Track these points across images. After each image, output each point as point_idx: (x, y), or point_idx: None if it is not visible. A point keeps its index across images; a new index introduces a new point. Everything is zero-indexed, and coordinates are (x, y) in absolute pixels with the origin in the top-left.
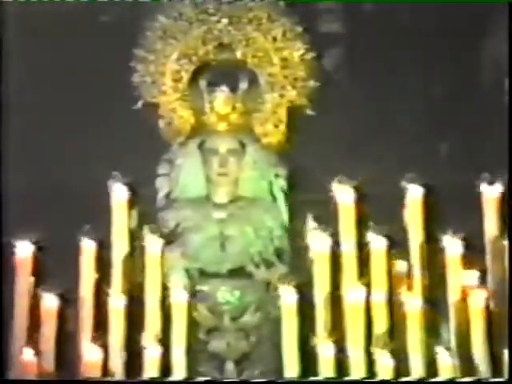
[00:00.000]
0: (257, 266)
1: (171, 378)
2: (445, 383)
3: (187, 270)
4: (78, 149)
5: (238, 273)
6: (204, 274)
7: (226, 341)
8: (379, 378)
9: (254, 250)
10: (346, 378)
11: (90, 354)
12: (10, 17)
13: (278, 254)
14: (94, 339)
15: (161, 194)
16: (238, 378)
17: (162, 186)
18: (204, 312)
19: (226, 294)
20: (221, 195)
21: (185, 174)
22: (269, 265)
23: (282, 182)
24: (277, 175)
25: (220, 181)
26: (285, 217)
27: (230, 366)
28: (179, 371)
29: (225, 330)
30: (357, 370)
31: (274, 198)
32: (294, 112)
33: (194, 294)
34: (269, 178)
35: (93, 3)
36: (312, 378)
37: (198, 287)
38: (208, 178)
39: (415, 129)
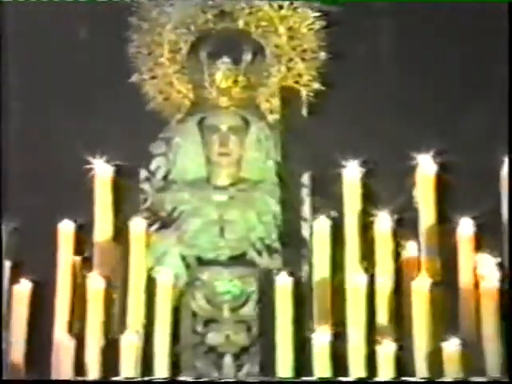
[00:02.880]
0: (259, 253)
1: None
2: (445, 383)
3: (183, 257)
4: (67, 127)
5: (238, 260)
6: (202, 262)
7: (224, 333)
8: (380, 368)
9: (255, 236)
10: (346, 379)
11: (63, 344)
12: (10, 17)
13: (283, 240)
14: (69, 327)
15: (157, 176)
16: (236, 373)
17: (159, 166)
18: (201, 302)
19: (225, 283)
20: (221, 177)
21: (183, 154)
22: (272, 252)
23: (289, 164)
24: (283, 156)
25: (221, 161)
26: (291, 201)
27: (228, 361)
28: (161, 363)
29: (223, 321)
30: (356, 360)
31: (280, 181)
32: (302, 86)
33: (190, 283)
34: (275, 159)
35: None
36: (310, 378)
37: (195, 275)
38: (208, 158)
39: (430, 105)
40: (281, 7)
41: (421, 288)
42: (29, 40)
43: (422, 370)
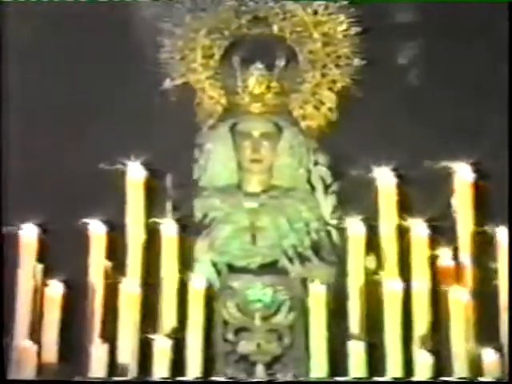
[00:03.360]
0: (291, 260)
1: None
2: (448, 383)
3: (214, 264)
4: (98, 133)
5: (270, 268)
6: (233, 269)
7: (256, 342)
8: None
9: (287, 244)
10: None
11: (97, 350)
12: (10, 17)
13: (315, 248)
14: (103, 333)
15: (190, 182)
16: (268, 383)
17: (192, 172)
18: (232, 310)
19: (256, 291)
20: (253, 184)
21: (214, 160)
22: (304, 260)
23: (321, 170)
24: (316, 162)
25: (252, 168)
26: (323, 208)
27: (259, 370)
28: (194, 368)
29: (255, 330)
30: (393, 368)
31: (312, 188)
32: (336, 93)
33: (221, 291)
34: (307, 166)
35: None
36: (311, 379)
37: (226, 283)
38: (239, 164)
39: (465, 112)
40: (315, 12)
41: (458, 296)
42: (29, 40)
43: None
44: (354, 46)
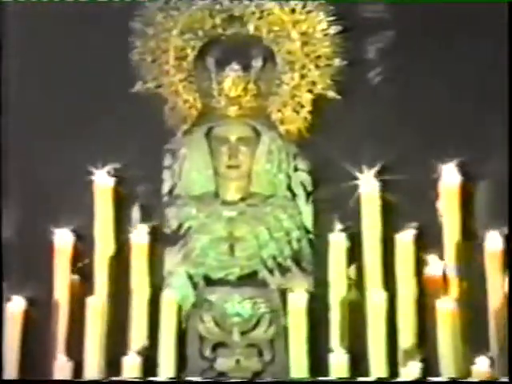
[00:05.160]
0: (271, 271)
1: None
2: (445, 383)
3: (190, 276)
4: (66, 139)
5: (249, 280)
6: (210, 281)
7: (235, 358)
8: None
9: (267, 254)
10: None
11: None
12: (10, 17)
13: (296, 258)
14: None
15: (162, 190)
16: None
17: (164, 180)
18: (209, 325)
19: (235, 304)
20: (230, 191)
21: (190, 167)
22: (285, 271)
23: (302, 176)
24: (296, 168)
25: (230, 174)
26: (305, 216)
27: None
28: None
29: (234, 345)
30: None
31: (293, 195)
32: (315, 95)
33: (197, 304)
34: (287, 172)
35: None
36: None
37: (203, 296)
38: (216, 170)
39: (449, 114)
40: (293, 11)
41: (446, 307)
42: (29, 40)
43: None
44: (334, 46)
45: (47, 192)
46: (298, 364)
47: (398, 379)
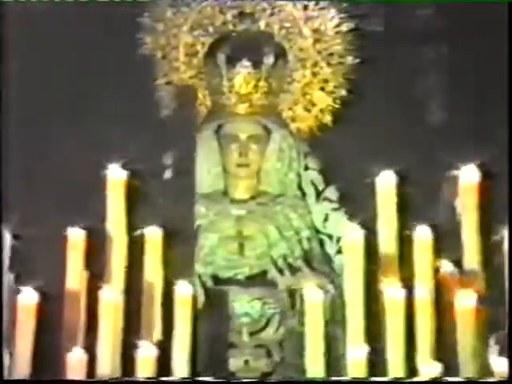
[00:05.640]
0: (280, 271)
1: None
2: (444, 383)
3: (199, 275)
4: (76, 136)
5: (258, 279)
6: (219, 281)
7: (243, 359)
8: None
9: (277, 253)
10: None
11: (76, 357)
12: (10, 17)
13: (306, 258)
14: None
15: (168, 188)
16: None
17: (170, 178)
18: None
19: (244, 304)
20: (240, 189)
21: (199, 165)
22: (295, 271)
23: (312, 175)
24: (307, 167)
25: (239, 172)
26: (315, 215)
27: None
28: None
29: (243, 346)
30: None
31: (303, 194)
32: (328, 93)
33: (206, 303)
34: (297, 170)
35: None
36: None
37: (212, 295)
38: (226, 169)
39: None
40: (306, 7)
41: (465, 304)
42: (29, 40)
43: None
44: (346, 44)
45: (60, 187)
46: (314, 361)
47: (416, 379)
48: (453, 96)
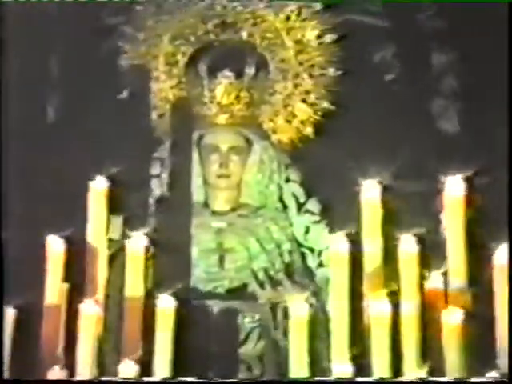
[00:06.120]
0: (261, 285)
1: None
2: (444, 383)
3: (178, 288)
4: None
5: (238, 293)
6: (199, 294)
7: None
8: None
9: (258, 266)
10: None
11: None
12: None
13: (287, 271)
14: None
15: (151, 199)
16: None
17: (153, 189)
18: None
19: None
20: (220, 201)
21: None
22: (276, 284)
23: (294, 187)
24: (288, 179)
25: (220, 184)
26: (296, 228)
27: None
28: None
29: None
30: None
31: (284, 206)
32: (309, 105)
33: (185, 317)
34: (278, 182)
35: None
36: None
37: (191, 309)
38: (206, 180)
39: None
40: (288, 18)
41: (451, 320)
42: (29, 40)
43: None
44: (329, 55)
45: (42, 198)
46: (298, 376)
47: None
48: (441, 105)
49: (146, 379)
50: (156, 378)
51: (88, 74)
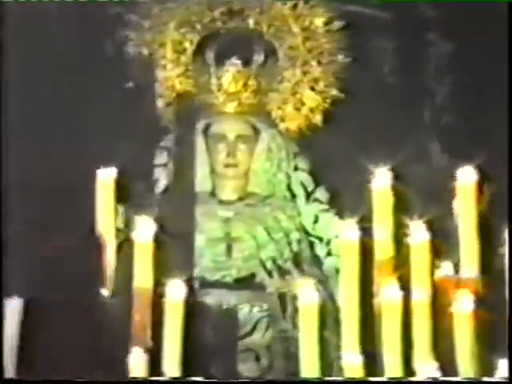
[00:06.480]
0: (269, 274)
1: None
2: (444, 383)
3: (186, 278)
4: (61, 137)
5: (246, 282)
6: (206, 283)
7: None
8: None
9: (266, 256)
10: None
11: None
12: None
13: (296, 260)
14: None
15: (157, 189)
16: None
17: (159, 178)
18: (205, 329)
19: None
20: (228, 190)
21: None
22: (284, 273)
23: (302, 176)
24: (296, 167)
25: (227, 173)
26: (304, 217)
27: None
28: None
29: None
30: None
31: (293, 195)
32: (318, 92)
33: (193, 307)
34: (286, 171)
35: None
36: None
37: (198, 299)
38: (213, 169)
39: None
40: (295, 5)
41: (462, 308)
42: (29, 40)
43: None
44: (337, 42)
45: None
46: (309, 365)
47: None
48: (451, 96)
49: (154, 378)
50: (165, 377)
51: (93, 64)
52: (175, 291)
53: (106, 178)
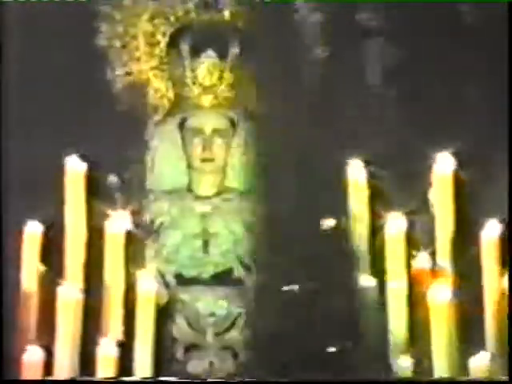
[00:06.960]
0: (247, 268)
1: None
2: (444, 383)
3: (162, 275)
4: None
5: (223, 278)
6: (183, 280)
7: (208, 360)
8: None
9: (243, 250)
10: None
11: (32, 356)
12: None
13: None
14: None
15: (133, 184)
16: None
17: (135, 173)
18: (182, 326)
19: (208, 303)
20: (204, 185)
21: (162, 160)
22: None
23: None
24: None
25: (204, 168)
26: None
27: None
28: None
29: (207, 347)
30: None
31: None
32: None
33: (169, 304)
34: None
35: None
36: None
37: (175, 295)
38: (189, 164)
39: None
40: None
41: (438, 298)
42: (29, 40)
43: None
44: (313, 36)
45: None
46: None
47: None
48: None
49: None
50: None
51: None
52: (147, 285)
53: (76, 170)
